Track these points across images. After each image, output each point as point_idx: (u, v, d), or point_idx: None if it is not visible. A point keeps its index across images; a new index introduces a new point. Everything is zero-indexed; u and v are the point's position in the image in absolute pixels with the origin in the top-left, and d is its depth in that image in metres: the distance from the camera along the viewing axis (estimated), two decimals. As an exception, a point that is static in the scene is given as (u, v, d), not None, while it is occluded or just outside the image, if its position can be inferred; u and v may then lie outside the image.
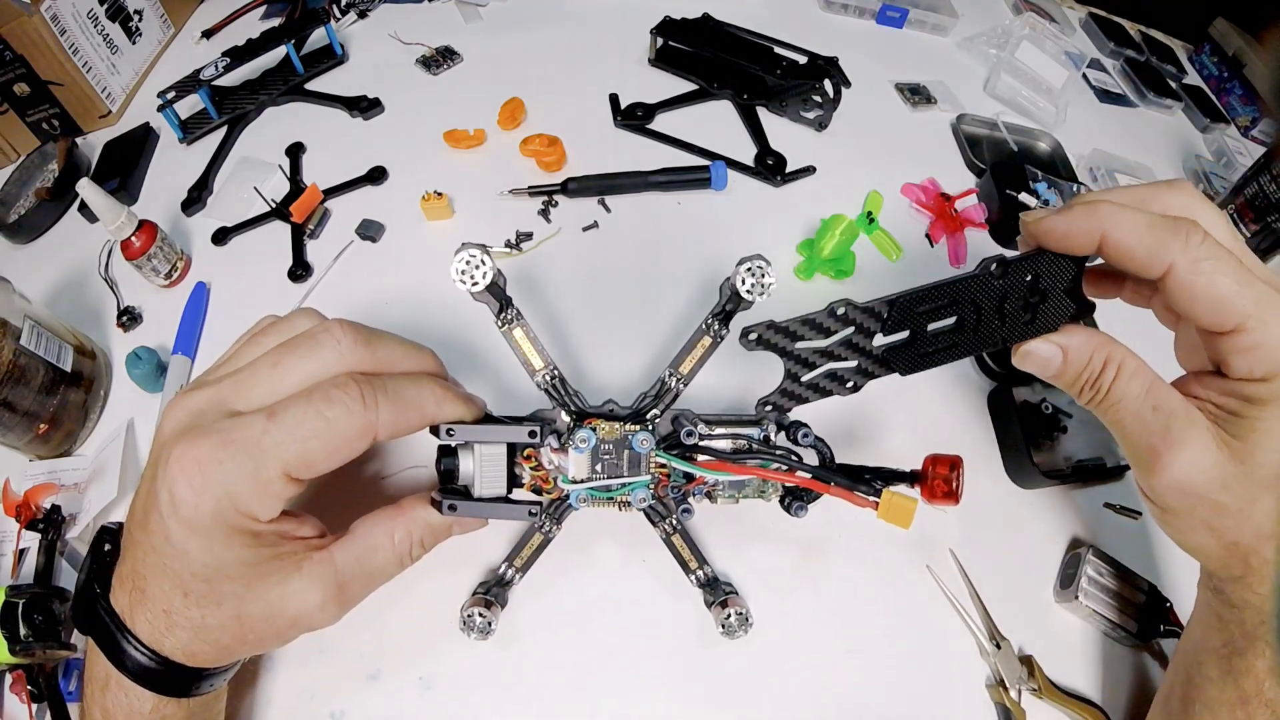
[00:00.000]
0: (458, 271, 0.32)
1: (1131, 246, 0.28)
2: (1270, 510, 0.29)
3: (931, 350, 0.32)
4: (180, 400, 0.30)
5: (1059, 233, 0.30)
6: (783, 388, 0.32)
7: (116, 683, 0.29)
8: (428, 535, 0.34)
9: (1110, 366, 0.31)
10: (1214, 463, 0.29)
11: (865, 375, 0.32)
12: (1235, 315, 0.27)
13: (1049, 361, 0.32)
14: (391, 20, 0.75)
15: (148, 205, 0.61)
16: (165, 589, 0.28)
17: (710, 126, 0.66)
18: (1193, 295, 0.28)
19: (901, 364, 0.32)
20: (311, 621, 0.31)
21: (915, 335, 0.32)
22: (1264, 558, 0.30)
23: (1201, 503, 0.30)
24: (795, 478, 0.36)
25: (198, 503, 0.27)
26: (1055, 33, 0.78)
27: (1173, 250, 0.27)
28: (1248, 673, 0.31)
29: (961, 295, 0.31)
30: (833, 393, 0.33)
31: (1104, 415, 0.32)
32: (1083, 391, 0.32)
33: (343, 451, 0.29)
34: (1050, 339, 0.32)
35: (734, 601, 0.38)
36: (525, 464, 0.36)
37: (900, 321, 0.31)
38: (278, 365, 0.30)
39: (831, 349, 0.32)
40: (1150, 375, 0.31)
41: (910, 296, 0.31)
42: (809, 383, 0.32)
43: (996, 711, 0.39)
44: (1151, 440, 0.30)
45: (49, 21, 0.59)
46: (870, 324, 0.31)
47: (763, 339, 0.31)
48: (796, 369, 0.32)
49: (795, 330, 0.31)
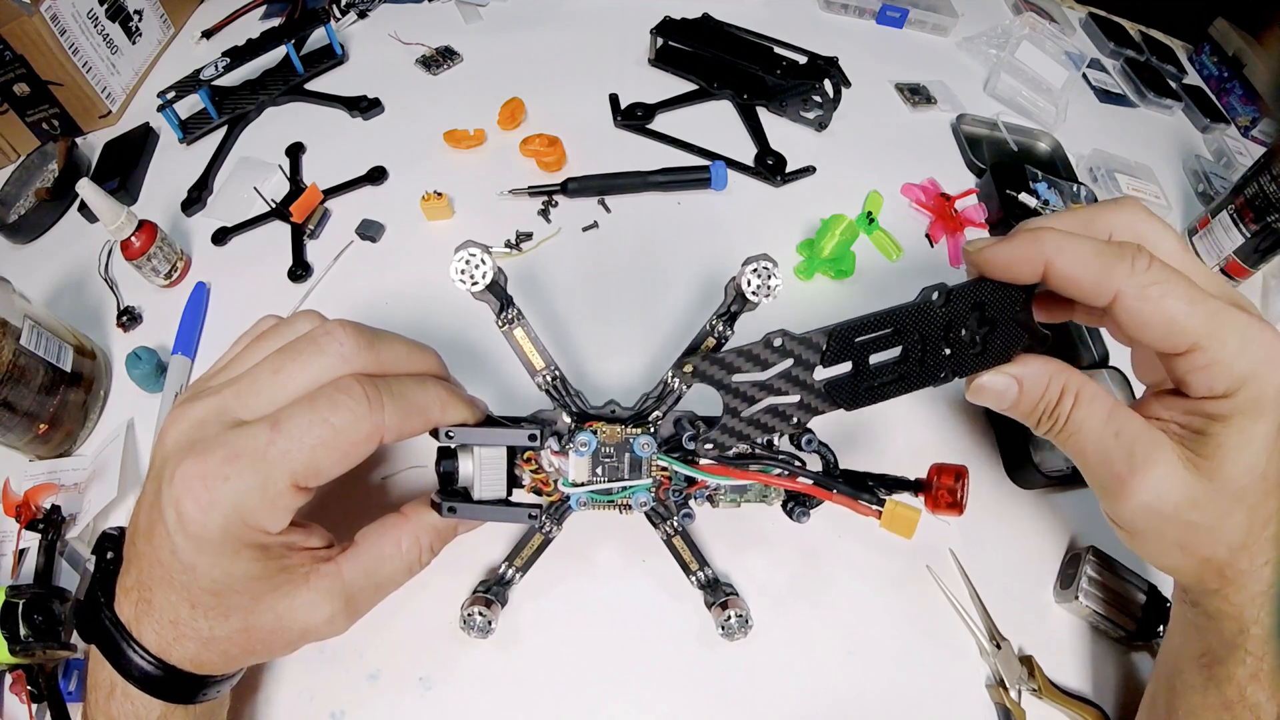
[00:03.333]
0: (458, 271, 0.32)
1: (1076, 276, 0.28)
2: (1242, 523, 0.29)
3: (876, 384, 0.31)
4: (181, 410, 0.29)
5: (1001, 262, 0.29)
6: (724, 424, 0.31)
7: (122, 690, 0.29)
8: (435, 540, 0.34)
9: (1068, 395, 0.30)
10: (1182, 483, 0.29)
11: (808, 411, 0.31)
12: (1188, 336, 0.27)
13: (1003, 394, 0.31)
14: (391, 20, 0.75)
15: (148, 205, 0.61)
16: (172, 601, 0.28)
17: (710, 126, 0.66)
18: (1141, 321, 0.27)
19: (844, 399, 0.31)
20: (320, 633, 0.31)
21: (858, 368, 0.31)
22: (1238, 569, 0.30)
23: (1171, 524, 0.29)
24: (797, 484, 0.35)
25: (205, 520, 0.26)
26: (1055, 33, 0.78)
27: (1118, 277, 0.27)
28: (1229, 680, 0.31)
29: (904, 324, 0.30)
30: (776, 430, 0.31)
31: (1064, 445, 0.32)
32: (1040, 422, 0.31)
33: (350, 457, 0.29)
34: (1004, 370, 0.31)
35: (734, 603, 0.38)
36: (525, 466, 0.36)
37: (840, 353, 0.30)
38: (279, 371, 0.29)
39: (771, 382, 0.30)
40: (1109, 401, 0.30)
41: (847, 327, 0.30)
42: (750, 419, 0.31)
43: (996, 712, 0.39)
44: (1115, 468, 0.30)
45: (49, 21, 0.59)
46: (809, 356, 0.30)
47: (698, 371, 0.30)
48: (736, 404, 0.31)
49: (732, 362, 0.30)
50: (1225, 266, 0.60)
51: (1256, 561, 0.29)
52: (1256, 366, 0.27)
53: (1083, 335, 0.51)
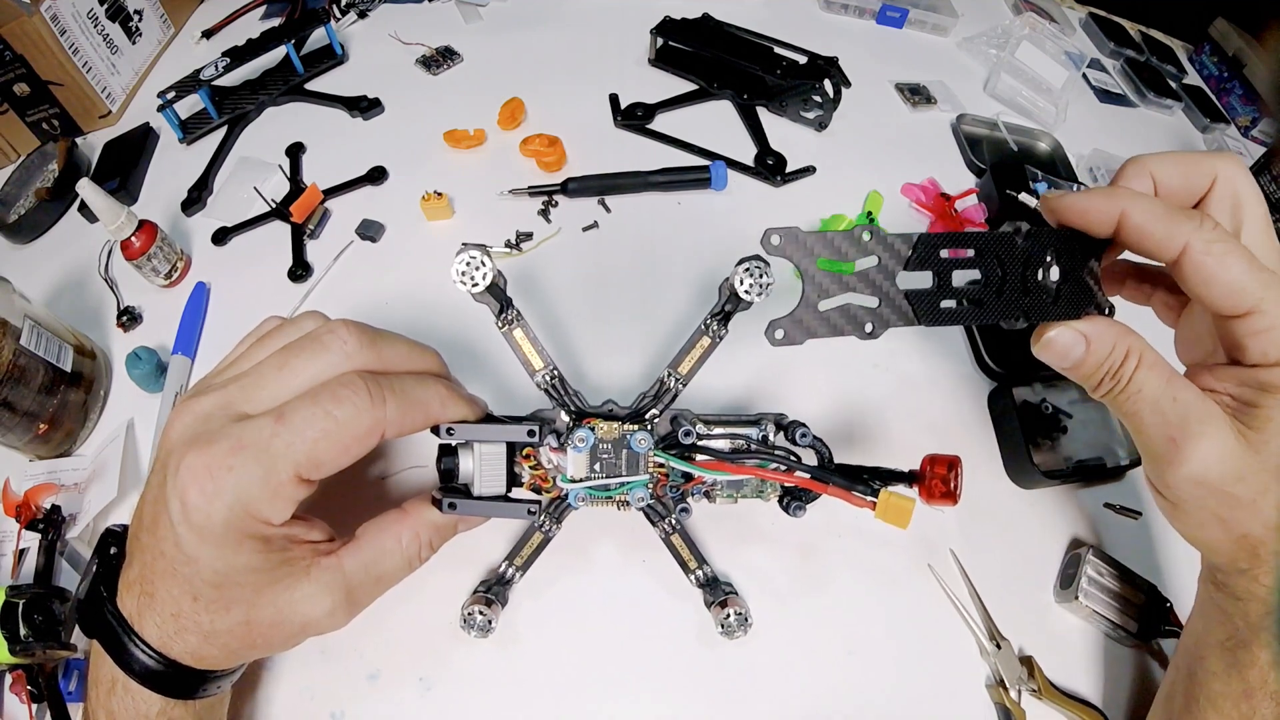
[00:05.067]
0: (458, 273, 0.32)
1: (1146, 227, 0.29)
2: (1278, 500, 0.29)
3: (955, 306, 0.31)
4: (187, 404, 0.30)
5: (1079, 209, 0.30)
6: (796, 314, 0.30)
7: (123, 686, 0.29)
8: (435, 536, 0.35)
9: (1132, 357, 0.31)
10: (1231, 454, 0.29)
11: (883, 321, 0.30)
12: (1249, 298, 0.28)
13: (1070, 349, 0.31)
14: (391, 20, 0.75)
15: (148, 205, 0.61)
16: (174, 594, 0.28)
17: (710, 126, 0.66)
18: (1207, 277, 0.28)
19: (922, 311, 0.30)
20: (320, 627, 0.31)
21: (939, 282, 0.30)
22: (1271, 549, 0.30)
23: (1215, 495, 0.30)
24: (793, 478, 0.36)
25: (209, 510, 0.27)
26: (1055, 33, 0.78)
27: (1186, 231, 0.28)
28: (1252, 664, 0.31)
29: (985, 248, 0.30)
30: (847, 332, 0.30)
31: (1121, 406, 0.32)
32: (1103, 383, 0.32)
33: (352, 450, 0.29)
34: (1073, 325, 0.31)
35: (733, 601, 0.38)
36: (524, 463, 0.36)
37: (924, 260, 0.30)
38: (284, 367, 0.30)
39: (851, 280, 0.30)
40: (1169, 368, 0.31)
41: (934, 236, 0.30)
42: (824, 314, 0.30)
43: (996, 712, 0.39)
44: (1170, 432, 0.30)
45: (49, 21, 0.59)
46: (893, 259, 0.30)
47: (783, 245, 0.29)
48: (814, 293, 0.30)
49: (815, 247, 0.29)
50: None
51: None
52: None
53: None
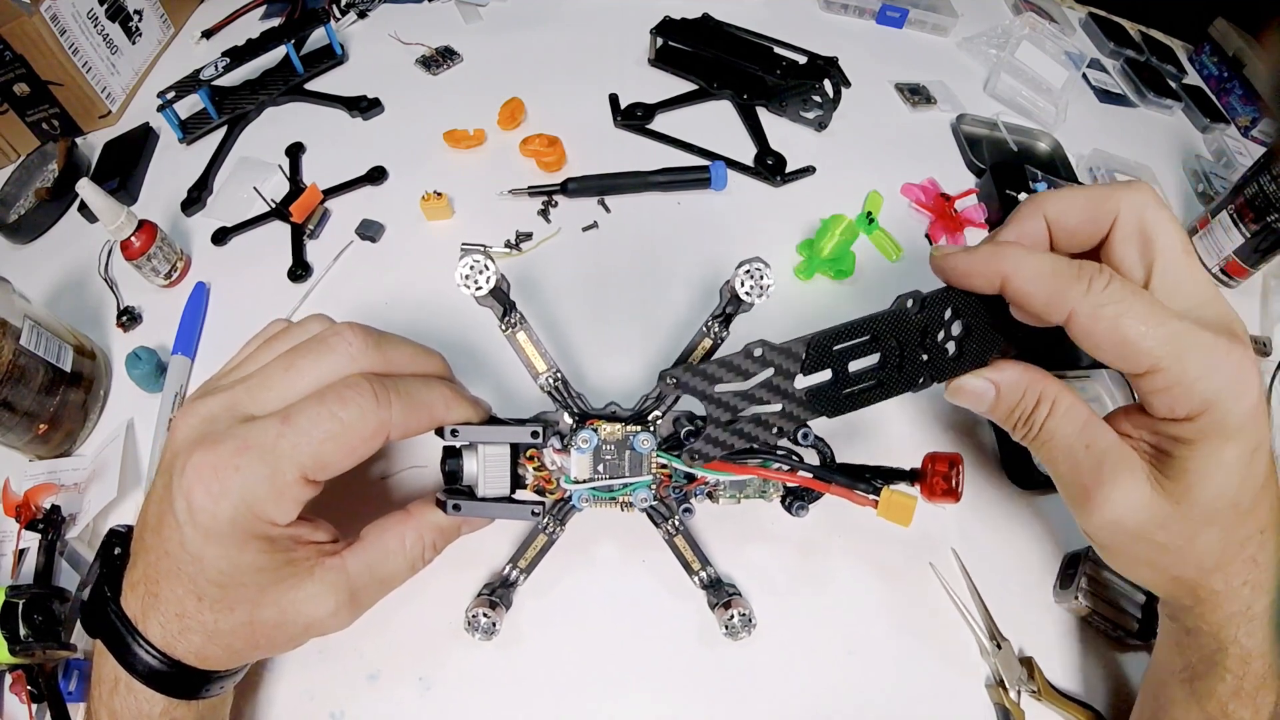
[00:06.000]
0: (462, 276, 0.32)
1: (1030, 293, 0.28)
2: (1211, 545, 0.29)
3: (856, 390, 0.31)
4: (192, 406, 0.30)
5: (961, 271, 0.30)
6: (708, 434, 0.32)
7: (126, 685, 0.29)
8: (438, 538, 0.35)
9: (1044, 403, 0.31)
10: (1148, 502, 0.29)
11: (791, 419, 0.31)
12: (1145, 358, 0.27)
13: (981, 396, 0.32)
14: (391, 20, 0.75)
15: (148, 205, 0.61)
16: (179, 593, 0.28)
17: (710, 126, 0.66)
18: (1095, 341, 0.27)
19: (826, 406, 0.31)
20: (324, 627, 0.31)
21: (838, 375, 0.31)
22: (1211, 589, 0.30)
23: (1138, 541, 0.29)
24: (796, 477, 0.36)
25: (215, 510, 0.27)
26: (1055, 33, 0.78)
27: (1072, 297, 0.27)
28: (1210, 695, 0.31)
29: (880, 331, 0.30)
30: (760, 439, 0.32)
31: (1037, 452, 0.32)
32: (1016, 428, 0.32)
33: (358, 451, 0.29)
34: (982, 374, 0.31)
35: (737, 603, 0.38)
36: (528, 465, 0.36)
37: (819, 361, 0.31)
38: (290, 368, 0.30)
39: (753, 392, 0.31)
40: (1083, 413, 0.30)
41: (825, 335, 0.30)
42: (735, 429, 0.31)
43: (996, 712, 0.39)
44: (1083, 479, 0.30)
45: (49, 21, 0.59)
46: (789, 365, 0.30)
47: (682, 382, 0.30)
48: (719, 414, 0.31)
49: (714, 373, 0.30)
50: (1225, 266, 0.60)
51: (1233, 582, 0.29)
52: (1221, 390, 0.27)
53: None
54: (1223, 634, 0.30)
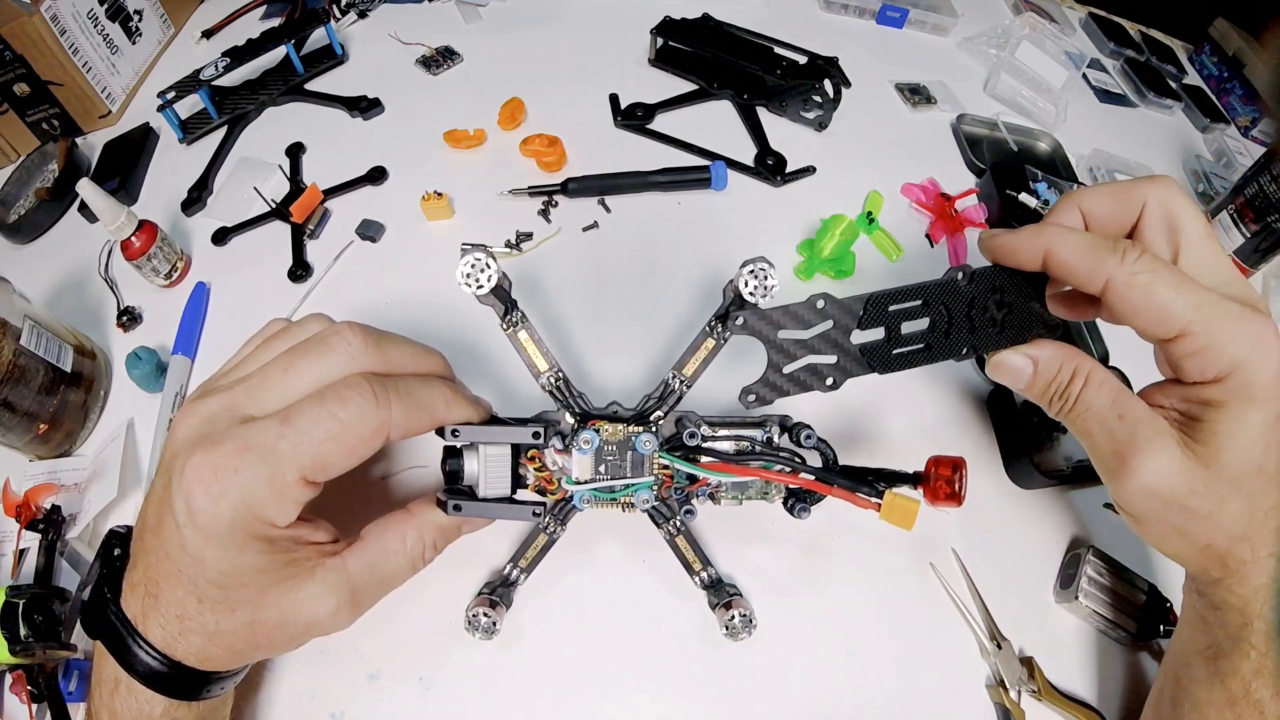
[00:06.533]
0: (463, 275, 0.32)
1: (1071, 263, 0.30)
2: (1240, 511, 0.29)
3: (906, 351, 0.33)
4: (192, 406, 0.30)
5: (1009, 248, 0.32)
6: (765, 377, 0.33)
7: (126, 686, 0.29)
8: (439, 538, 0.35)
9: (1079, 377, 0.32)
10: (1180, 468, 0.29)
11: (843, 373, 0.33)
12: (1177, 322, 0.28)
13: (1020, 372, 0.33)
14: (391, 20, 0.75)
15: (148, 205, 0.61)
16: (179, 595, 0.28)
17: (710, 126, 0.66)
18: (1131, 306, 0.29)
19: (877, 362, 0.33)
20: (324, 627, 0.31)
21: (890, 335, 0.33)
22: (1239, 559, 0.30)
23: (1171, 508, 0.30)
24: (798, 479, 0.36)
25: (215, 511, 0.27)
26: (1055, 33, 0.78)
27: (1109, 266, 0.29)
28: (1234, 674, 0.31)
29: (932, 297, 0.33)
30: (813, 387, 0.33)
31: (1072, 424, 0.33)
32: (1052, 402, 0.33)
33: (358, 452, 0.29)
34: (1021, 350, 0.33)
35: (738, 603, 0.38)
36: (529, 465, 0.36)
37: (874, 318, 0.32)
38: (289, 369, 0.30)
39: (812, 342, 0.32)
40: (1116, 386, 0.32)
41: (883, 295, 0.32)
42: (790, 375, 0.33)
43: (996, 712, 0.39)
44: (1118, 448, 0.31)
45: (49, 21, 0.59)
46: (847, 320, 0.32)
47: (749, 324, 0.32)
48: (779, 359, 0.32)
49: (779, 320, 0.32)
50: (1225, 266, 0.60)
51: (1260, 553, 0.30)
52: (1248, 353, 0.28)
53: (1084, 334, 0.51)
54: (1249, 608, 0.30)
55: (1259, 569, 0.30)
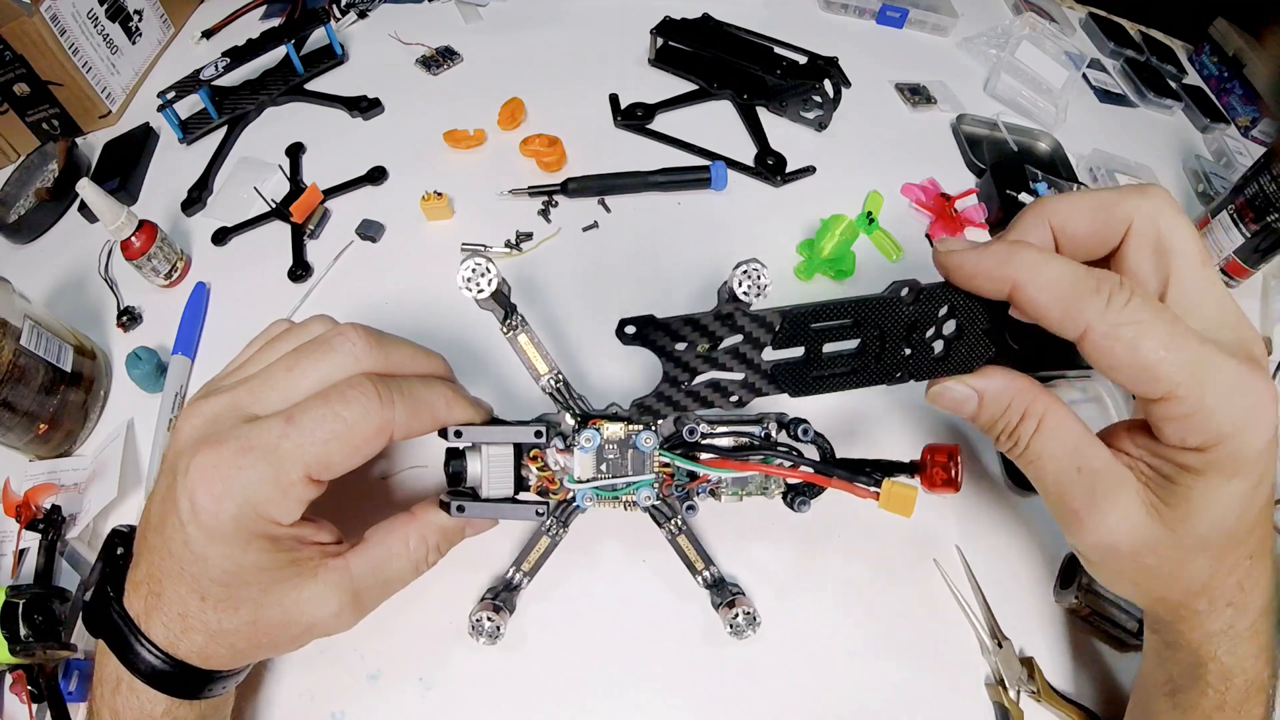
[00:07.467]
0: (464, 279, 0.32)
1: (1043, 304, 0.26)
2: (1201, 571, 0.28)
3: (826, 374, 0.30)
4: (196, 406, 0.30)
5: (967, 273, 0.27)
6: (659, 391, 0.30)
7: (128, 685, 0.29)
8: (442, 540, 0.35)
9: (1030, 418, 0.29)
10: (1141, 528, 0.27)
11: (751, 390, 0.30)
12: (1163, 383, 0.25)
13: (962, 404, 0.30)
14: (391, 20, 0.75)
15: (148, 205, 0.61)
16: (182, 593, 0.28)
17: (710, 126, 0.66)
18: (1110, 362, 0.25)
19: (790, 384, 0.30)
20: (327, 628, 0.31)
21: (810, 354, 0.30)
22: (1194, 609, 0.29)
23: (1126, 562, 0.29)
24: (797, 473, 0.36)
25: (218, 509, 0.27)
26: (1055, 33, 0.78)
27: (1089, 313, 0.25)
28: (1193, 708, 0.31)
29: (864, 317, 0.29)
30: (715, 404, 0.30)
31: (1024, 470, 0.30)
32: (1000, 440, 0.30)
33: (361, 451, 0.29)
34: (965, 380, 0.29)
35: (741, 602, 0.38)
36: (531, 465, 0.36)
37: (792, 336, 0.29)
38: (293, 369, 0.30)
39: (716, 356, 0.29)
40: (1075, 432, 0.28)
41: (804, 311, 0.29)
42: (690, 390, 0.30)
43: (995, 711, 0.39)
44: (1073, 504, 0.28)
45: (49, 21, 0.59)
46: (760, 334, 0.29)
47: (640, 334, 0.28)
48: (676, 373, 0.30)
49: (678, 330, 0.29)
50: (1225, 266, 0.60)
51: (1217, 603, 0.29)
52: (1238, 423, 0.25)
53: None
54: (1202, 650, 0.30)
55: (1214, 617, 0.29)
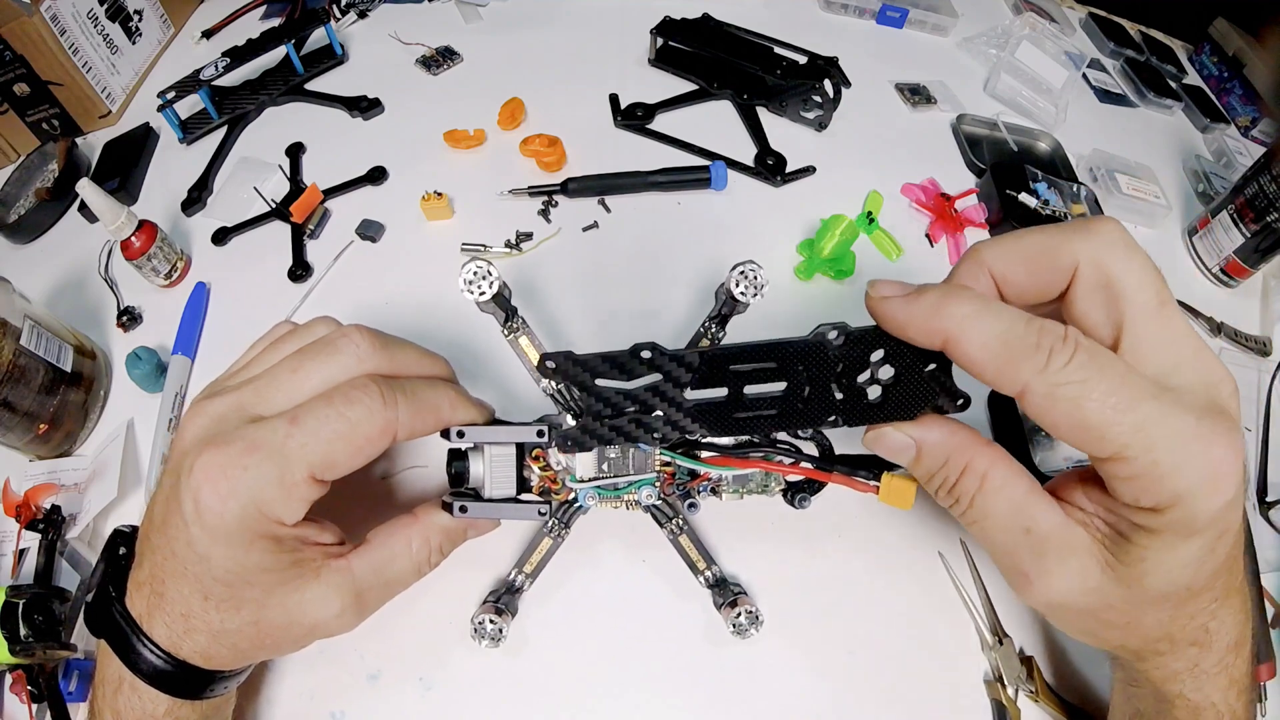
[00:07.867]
0: (465, 282, 0.33)
1: (977, 361, 0.24)
2: (1159, 622, 0.28)
3: (750, 416, 0.29)
4: (200, 406, 0.30)
5: (898, 322, 0.26)
6: (584, 425, 0.30)
7: (130, 685, 0.29)
8: (445, 541, 0.35)
9: (970, 475, 0.27)
10: (1095, 586, 0.26)
11: (675, 428, 0.30)
12: (1109, 444, 0.23)
13: (900, 452, 0.29)
14: (391, 20, 0.75)
15: (148, 205, 0.61)
16: (184, 593, 0.28)
17: (710, 126, 0.66)
18: (1052, 421, 0.24)
19: (713, 425, 0.29)
20: (329, 629, 0.31)
21: (733, 395, 0.29)
22: (1155, 652, 0.29)
23: (1079, 617, 0.28)
24: (798, 469, 0.36)
25: (223, 509, 0.27)
26: (1055, 33, 0.78)
27: (1025, 372, 0.24)
28: None
29: (790, 360, 0.28)
30: (639, 440, 0.30)
31: (969, 529, 0.29)
32: (939, 495, 0.29)
33: (365, 451, 0.29)
34: (903, 428, 0.28)
35: (743, 601, 0.38)
36: (534, 464, 0.36)
37: (710, 377, 0.28)
38: (297, 370, 0.30)
39: (636, 394, 0.29)
40: (1022, 489, 0.27)
41: (724, 353, 0.28)
42: (614, 425, 0.30)
43: (991, 708, 0.39)
44: (1022, 566, 0.27)
45: (49, 21, 0.59)
46: (680, 374, 0.28)
47: (560, 369, 0.29)
48: (599, 407, 0.30)
49: (595, 366, 0.29)
50: (1225, 266, 0.60)
51: (1179, 644, 0.28)
52: (1194, 484, 0.23)
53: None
54: (1167, 688, 0.29)
55: (1177, 657, 0.29)
